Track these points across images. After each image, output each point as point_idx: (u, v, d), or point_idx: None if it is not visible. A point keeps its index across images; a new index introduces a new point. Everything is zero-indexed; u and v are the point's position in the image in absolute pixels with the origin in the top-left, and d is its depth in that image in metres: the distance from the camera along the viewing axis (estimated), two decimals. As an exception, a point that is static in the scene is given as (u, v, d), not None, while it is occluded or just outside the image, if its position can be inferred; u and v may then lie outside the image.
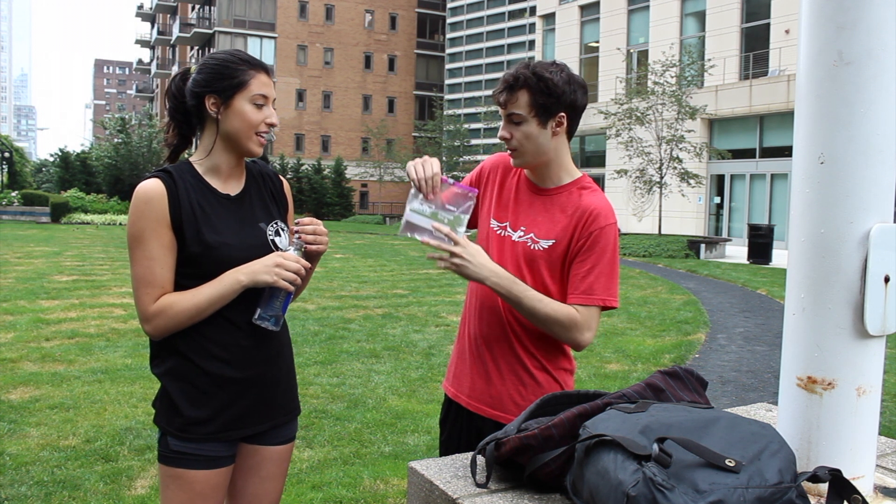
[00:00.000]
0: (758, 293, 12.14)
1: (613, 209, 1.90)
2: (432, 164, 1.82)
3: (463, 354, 2.02)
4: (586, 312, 1.82)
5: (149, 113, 43.17)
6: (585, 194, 1.89)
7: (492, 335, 1.93)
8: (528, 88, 1.82)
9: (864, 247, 1.27)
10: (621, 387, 1.59)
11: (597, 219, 1.84)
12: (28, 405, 4.88)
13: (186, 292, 1.73)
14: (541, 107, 1.82)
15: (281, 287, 1.73)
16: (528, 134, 1.84)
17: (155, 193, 1.72)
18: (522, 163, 1.91)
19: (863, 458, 1.32)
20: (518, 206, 1.95)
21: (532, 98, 1.82)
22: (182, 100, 1.81)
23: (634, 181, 22.05)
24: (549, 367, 1.93)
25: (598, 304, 1.83)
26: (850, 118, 1.26)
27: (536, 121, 1.83)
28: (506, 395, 1.91)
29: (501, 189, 2.00)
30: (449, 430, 2.05)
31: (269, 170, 1.97)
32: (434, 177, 1.80)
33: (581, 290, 1.83)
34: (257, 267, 1.73)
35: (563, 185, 1.91)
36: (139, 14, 72.82)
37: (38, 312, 8.25)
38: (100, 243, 18.23)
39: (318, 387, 5.55)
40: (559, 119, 1.85)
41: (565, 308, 1.82)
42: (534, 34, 38.06)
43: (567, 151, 1.94)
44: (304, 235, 1.81)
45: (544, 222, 1.89)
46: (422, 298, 10.42)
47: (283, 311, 1.78)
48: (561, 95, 1.82)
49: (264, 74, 1.79)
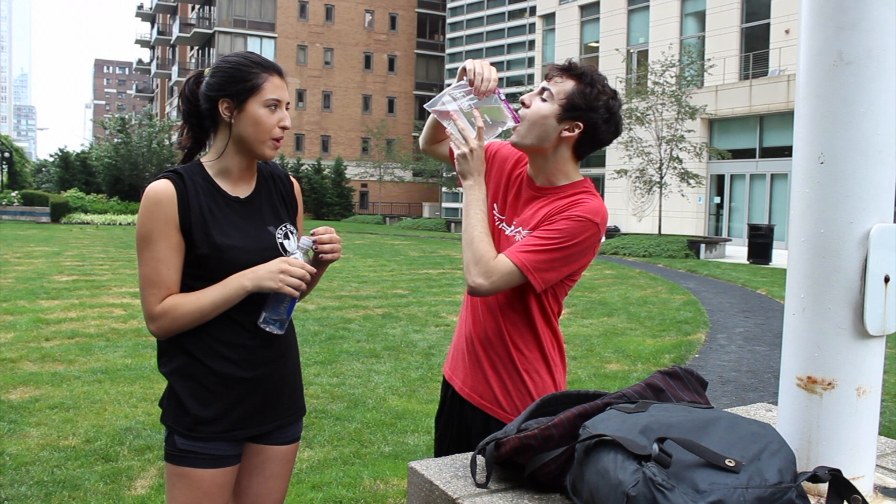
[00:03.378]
0: (758, 293, 12.14)
1: (605, 216, 1.83)
2: (493, 71, 1.80)
3: (459, 348, 2.03)
4: (500, 262, 1.75)
5: (149, 113, 43.11)
6: (582, 194, 1.86)
7: (486, 334, 1.94)
8: (579, 82, 1.81)
9: (864, 247, 1.27)
10: (621, 387, 1.59)
11: (577, 207, 1.79)
12: (28, 405, 4.88)
13: (192, 294, 1.73)
14: (571, 102, 1.81)
15: (286, 293, 1.73)
16: (543, 113, 1.82)
17: (164, 195, 1.72)
18: (518, 138, 1.87)
19: (863, 458, 1.32)
20: (516, 201, 1.95)
21: (573, 91, 1.81)
22: (196, 103, 1.81)
23: (634, 181, 22.05)
24: (540, 367, 1.93)
25: (518, 264, 1.74)
26: (850, 118, 1.26)
27: (560, 110, 1.81)
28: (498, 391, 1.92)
29: (508, 183, 1.99)
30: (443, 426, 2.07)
31: (280, 171, 1.96)
32: (493, 80, 1.77)
33: (515, 247, 1.78)
34: (262, 272, 1.73)
35: (560, 185, 1.89)
36: (139, 14, 72.84)
37: (38, 312, 8.25)
38: (100, 243, 18.23)
39: (318, 387, 5.55)
40: (574, 126, 1.82)
41: (492, 248, 1.78)
42: (534, 34, 38.07)
43: (569, 161, 1.89)
44: (319, 246, 1.81)
45: (531, 217, 1.88)
46: (422, 298, 10.42)
47: (288, 316, 1.79)
48: (593, 111, 1.81)
49: (278, 77, 1.79)
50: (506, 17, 49.81)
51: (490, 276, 1.74)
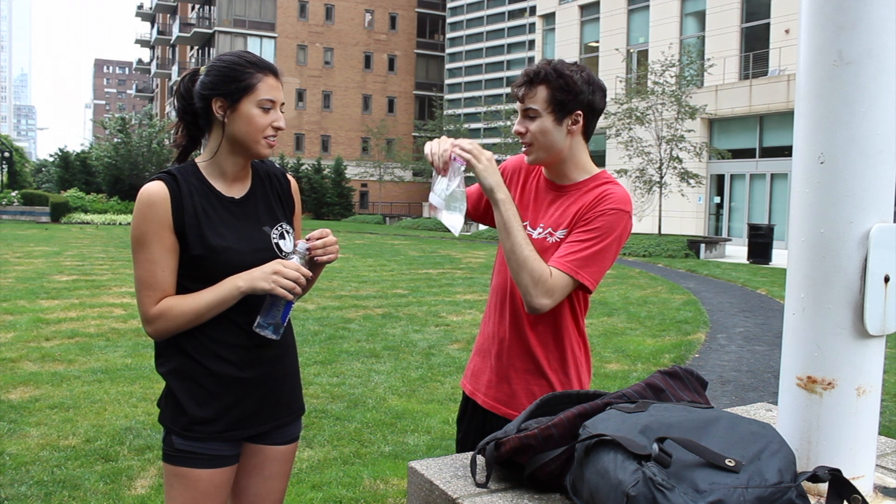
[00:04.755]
0: (758, 293, 12.14)
1: (631, 203, 1.88)
2: (440, 142, 1.81)
3: (482, 352, 2.03)
4: (557, 277, 1.77)
5: (149, 113, 43.13)
6: (605, 185, 1.89)
7: (509, 334, 1.93)
8: (548, 84, 1.83)
9: (864, 247, 1.27)
10: (621, 387, 1.59)
11: (608, 200, 1.83)
12: (28, 405, 4.88)
13: (187, 296, 1.73)
14: (558, 103, 1.83)
15: (279, 294, 1.72)
16: (544, 129, 1.85)
17: (158, 197, 1.72)
18: (535, 159, 1.91)
19: (863, 457, 1.32)
20: (538, 204, 1.96)
21: (550, 94, 1.83)
22: (190, 101, 1.80)
23: (634, 181, 22.05)
24: (565, 366, 1.93)
25: (572, 274, 1.77)
26: (850, 118, 1.26)
27: (552, 117, 1.84)
28: (521, 393, 1.92)
29: (523, 191, 2.01)
30: (465, 429, 2.06)
31: (277, 170, 1.96)
32: (444, 153, 1.79)
33: (561, 255, 1.80)
34: (256, 274, 1.73)
35: (581, 181, 1.92)
36: (139, 14, 72.84)
37: (38, 312, 8.25)
38: (100, 243, 18.23)
39: (318, 387, 5.55)
40: (575, 117, 1.86)
41: (544, 264, 1.78)
42: (534, 34, 38.06)
43: (584, 151, 1.94)
44: (314, 250, 1.81)
45: (560, 216, 1.90)
46: (422, 298, 10.42)
47: (284, 320, 1.78)
48: (579, 94, 1.84)
49: (272, 77, 1.78)
50: (506, 17, 49.82)
51: (552, 293, 1.76)
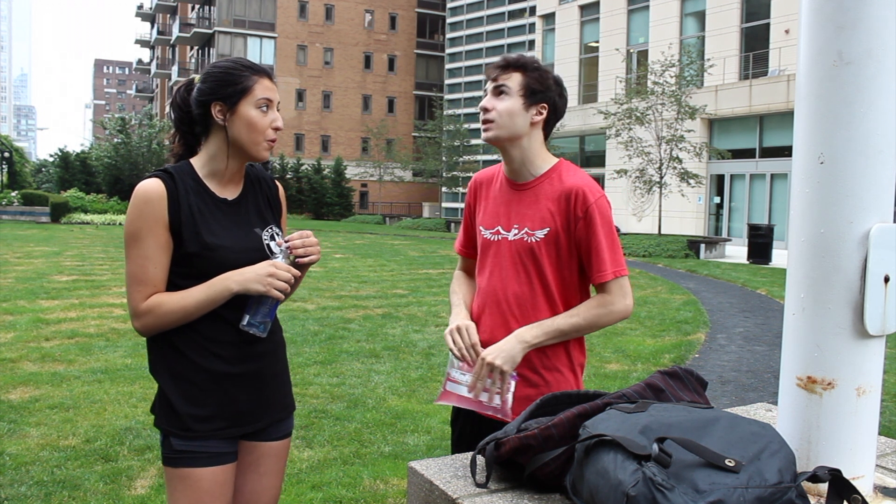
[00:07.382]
0: (758, 293, 12.14)
1: (597, 182, 1.97)
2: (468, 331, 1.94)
3: None
4: (611, 287, 1.90)
5: (149, 113, 43.11)
6: (565, 177, 1.95)
7: (498, 337, 1.93)
8: (524, 71, 1.95)
9: (863, 247, 1.27)
10: (621, 387, 1.59)
11: (584, 197, 1.90)
12: (28, 405, 4.88)
13: (176, 294, 1.75)
14: (530, 90, 1.94)
15: (272, 296, 1.75)
16: (511, 110, 1.93)
17: (155, 194, 1.74)
18: (493, 136, 1.96)
19: (863, 458, 1.32)
20: (507, 206, 2.00)
21: (525, 80, 1.94)
22: (187, 110, 1.84)
23: (634, 181, 22.05)
24: (558, 364, 1.93)
25: (618, 275, 1.91)
26: (849, 118, 1.26)
27: (523, 101, 1.94)
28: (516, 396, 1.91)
29: (488, 198, 2.06)
30: (460, 430, 2.07)
31: (266, 174, 2.00)
32: (475, 346, 1.92)
33: (597, 271, 1.91)
34: (250, 275, 1.75)
35: (542, 174, 1.97)
36: (139, 14, 72.82)
37: (38, 312, 8.25)
38: (100, 243, 18.23)
39: (318, 387, 5.55)
40: (541, 109, 1.96)
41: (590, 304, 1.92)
42: (534, 34, 38.04)
43: (542, 144, 2.01)
44: (294, 249, 1.83)
45: (534, 214, 1.94)
46: (422, 298, 10.42)
47: (271, 318, 1.81)
48: (549, 89, 1.96)
49: (267, 79, 1.83)
50: (506, 17, 49.78)
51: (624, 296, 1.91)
